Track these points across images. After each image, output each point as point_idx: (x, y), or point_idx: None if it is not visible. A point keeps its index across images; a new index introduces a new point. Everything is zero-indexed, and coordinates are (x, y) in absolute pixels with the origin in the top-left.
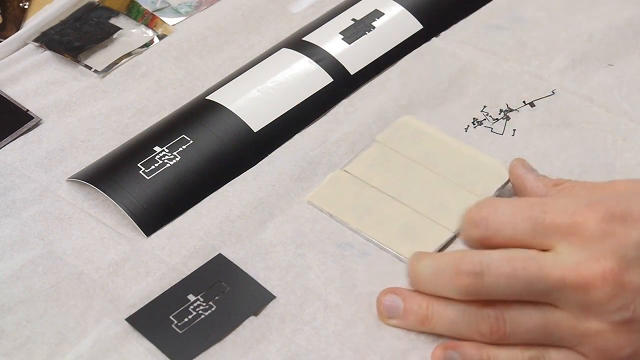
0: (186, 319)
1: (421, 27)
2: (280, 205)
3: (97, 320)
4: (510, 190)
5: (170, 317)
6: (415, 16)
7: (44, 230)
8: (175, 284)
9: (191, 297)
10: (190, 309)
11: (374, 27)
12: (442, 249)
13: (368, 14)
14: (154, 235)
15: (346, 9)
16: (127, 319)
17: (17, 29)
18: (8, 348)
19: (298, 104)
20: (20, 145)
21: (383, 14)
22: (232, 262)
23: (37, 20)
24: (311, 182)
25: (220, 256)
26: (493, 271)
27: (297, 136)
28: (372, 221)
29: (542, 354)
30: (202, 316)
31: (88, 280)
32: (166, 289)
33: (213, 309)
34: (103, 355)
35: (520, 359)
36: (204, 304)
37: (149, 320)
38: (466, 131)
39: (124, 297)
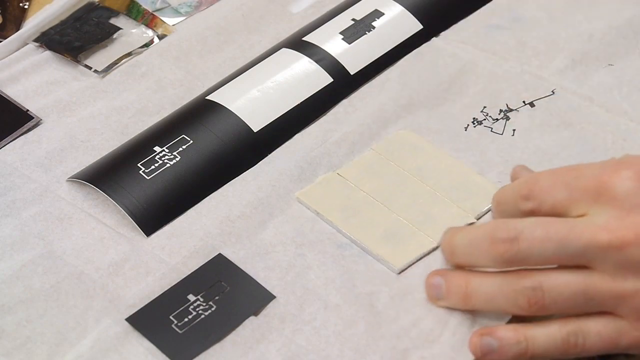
0: (186, 319)
1: (421, 27)
2: (280, 205)
3: (97, 320)
4: None
5: (170, 317)
6: (415, 16)
7: (44, 230)
8: (175, 284)
9: (191, 297)
10: (190, 309)
11: (374, 27)
12: (423, 257)
13: (368, 14)
14: (154, 235)
15: (346, 9)
16: (127, 319)
17: (17, 29)
18: (8, 348)
19: (298, 104)
20: (20, 145)
21: (383, 14)
22: (232, 262)
23: (37, 20)
24: (311, 183)
25: (220, 256)
26: (527, 236)
27: (297, 136)
28: (357, 223)
29: (579, 328)
30: (202, 316)
31: (88, 280)
32: (166, 289)
33: (213, 309)
34: (103, 355)
35: (558, 336)
36: (204, 304)
37: (149, 320)
38: (466, 130)
39: (124, 297)
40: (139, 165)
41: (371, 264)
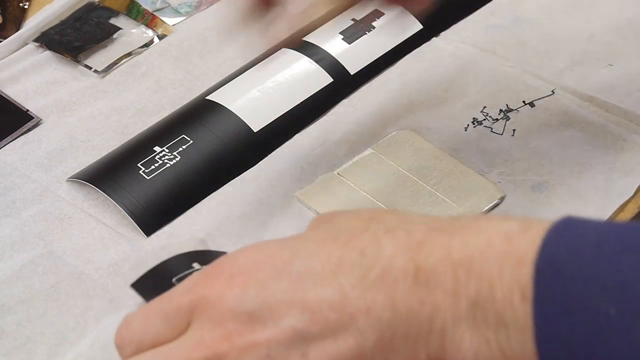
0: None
1: (421, 27)
2: (280, 205)
3: (97, 320)
4: (502, 211)
5: (173, 280)
6: (415, 16)
7: (44, 230)
8: (180, 254)
9: (196, 265)
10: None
11: (374, 27)
12: None
13: (368, 14)
14: (154, 235)
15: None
16: (132, 285)
17: (17, 29)
18: (8, 348)
19: (298, 104)
20: (20, 145)
21: (383, 13)
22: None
23: (37, 20)
24: (311, 183)
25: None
26: None
27: (297, 136)
28: None
29: None
30: None
31: (88, 280)
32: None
33: None
34: (103, 355)
35: None
36: None
37: (152, 284)
38: (466, 130)
39: (124, 297)
40: (139, 165)
41: None
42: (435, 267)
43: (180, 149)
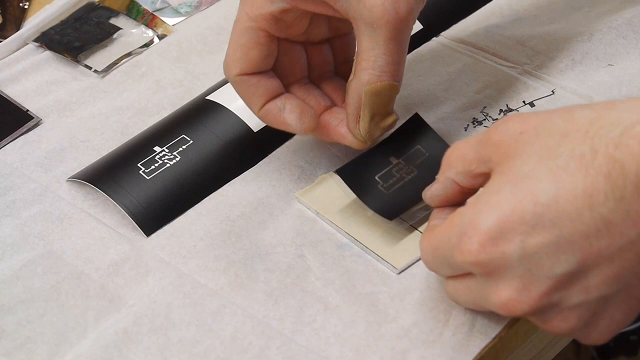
0: (391, 181)
1: (421, 27)
2: (280, 205)
3: (97, 320)
4: None
5: (376, 177)
6: None
7: (44, 230)
8: (379, 146)
9: (393, 160)
10: (394, 172)
11: None
12: None
13: None
14: (154, 235)
15: None
16: (336, 171)
17: (17, 29)
18: (8, 348)
19: None
20: (20, 145)
21: None
22: (428, 125)
23: (37, 20)
24: (311, 183)
25: (416, 115)
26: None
27: (297, 136)
28: (357, 223)
29: None
30: (406, 179)
31: (88, 280)
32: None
33: (414, 173)
34: (103, 355)
35: None
36: (406, 167)
37: (356, 175)
38: (466, 130)
39: (124, 297)
40: (139, 165)
41: (371, 264)
42: None
43: (180, 149)
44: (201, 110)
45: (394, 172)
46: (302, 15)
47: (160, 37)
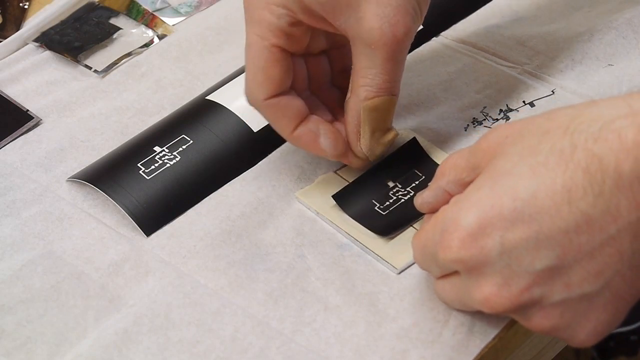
0: (387, 203)
1: (421, 27)
2: (280, 205)
3: (97, 320)
4: None
5: (373, 200)
6: None
7: (44, 230)
8: (375, 170)
9: (390, 184)
10: (390, 194)
11: None
12: None
13: None
14: (154, 235)
15: None
16: (333, 196)
17: (17, 29)
18: (8, 348)
19: None
20: (20, 145)
21: None
22: (423, 150)
23: (37, 20)
24: (311, 183)
25: (414, 140)
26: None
27: None
28: (357, 223)
29: None
30: (402, 200)
31: (88, 280)
32: (366, 172)
33: (411, 195)
34: (103, 355)
35: None
36: (403, 190)
37: (352, 199)
38: (466, 131)
39: (124, 297)
40: (139, 165)
41: (371, 264)
42: None
43: (180, 149)
44: (201, 110)
45: (390, 195)
46: (306, 29)
47: (160, 37)
